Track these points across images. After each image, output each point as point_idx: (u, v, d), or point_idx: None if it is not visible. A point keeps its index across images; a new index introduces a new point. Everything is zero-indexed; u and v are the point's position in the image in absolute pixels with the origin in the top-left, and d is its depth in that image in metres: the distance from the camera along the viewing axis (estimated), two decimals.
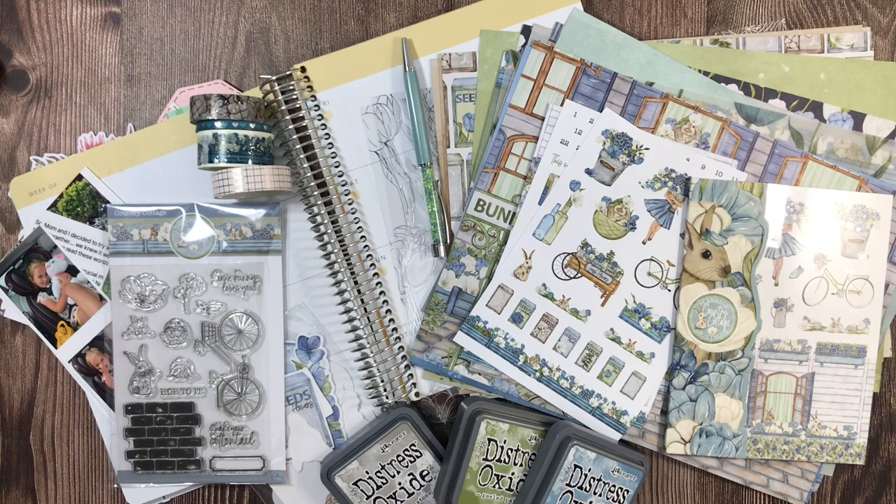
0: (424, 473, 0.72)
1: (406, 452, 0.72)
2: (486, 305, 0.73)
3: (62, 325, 0.74)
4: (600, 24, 0.72)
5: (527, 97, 0.72)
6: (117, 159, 0.73)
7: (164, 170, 0.73)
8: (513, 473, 0.71)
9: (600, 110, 0.72)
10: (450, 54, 0.73)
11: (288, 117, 0.71)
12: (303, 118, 0.72)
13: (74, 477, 0.76)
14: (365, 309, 0.73)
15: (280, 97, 0.71)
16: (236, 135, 0.67)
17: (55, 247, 0.74)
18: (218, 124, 0.67)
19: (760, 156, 0.72)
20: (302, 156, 0.71)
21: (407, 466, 0.72)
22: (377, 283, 0.73)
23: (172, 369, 0.73)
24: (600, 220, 0.72)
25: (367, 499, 0.71)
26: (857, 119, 0.72)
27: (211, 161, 0.67)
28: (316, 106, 0.73)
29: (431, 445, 0.72)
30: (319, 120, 0.73)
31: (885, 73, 0.72)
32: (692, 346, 0.72)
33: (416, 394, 0.74)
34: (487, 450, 0.70)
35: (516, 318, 0.73)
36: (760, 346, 0.72)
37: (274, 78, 0.71)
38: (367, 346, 0.73)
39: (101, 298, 0.74)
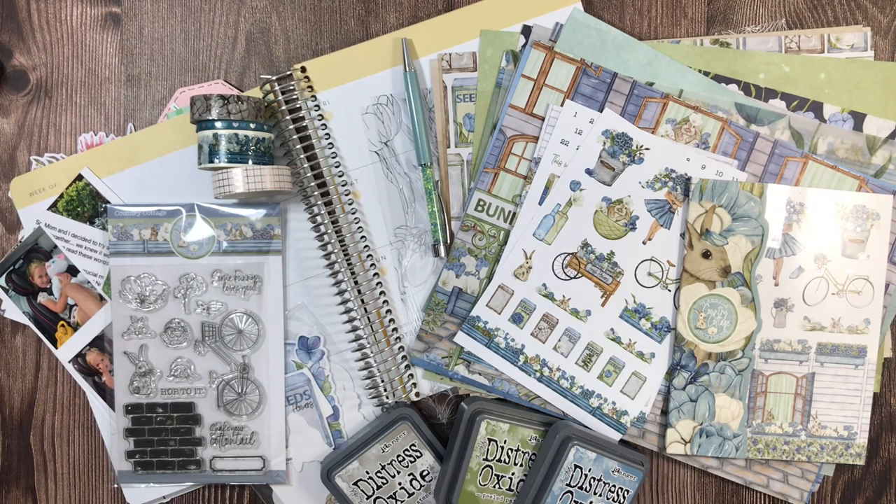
0: (424, 473, 0.72)
1: (406, 452, 0.72)
2: (487, 305, 0.73)
3: (62, 325, 0.74)
4: (600, 24, 0.72)
5: (527, 97, 0.72)
6: (117, 159, 0.73)
7: (164, 170, 0.73)
8: (513, 473, 0.71)
9: (600, 110, 0.72)
10: (450, 54, 0.73)
11: (288, 117, 0.71)
12: (303, 118, 0.72)
13: (74, 477, 0.76)
14: (365, 309, 0.73)
15: (280, 97, 0.71)
16: (236, 135, 0.67)
17: (55, 247, 0.74)
18: (218, 124, 0.67)
19: (761, 156, 0.72)
20: (302, 156, 0.71)
21: (407, 466, 0.72)
22: (377, 283, 0.73)
23: (173, 369, 0.73)
24: (600, 220, 0.72)
25: (367, 499, 0.71)
26: (858, 119, 0.72)
27: (211, 161, 0.67)
28: (316, 106, 0.73)
29: (431, 445, 0.72)
30: (319, 120, 0.73)
31: (885, 73, 0.72)
32: (692, 346, 0.72)
33: (417, 394, 0.74)
34: (487, 450, 0.70)
35: (516, 319, 0.73)
36: (760, 346, 0.72)
37: (274, 78, 0.71)
38: (368, 346, 0.73)
39: (102, 298, 0.74)
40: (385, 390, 0.74)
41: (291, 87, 0.72)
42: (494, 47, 0.73)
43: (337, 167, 0.73)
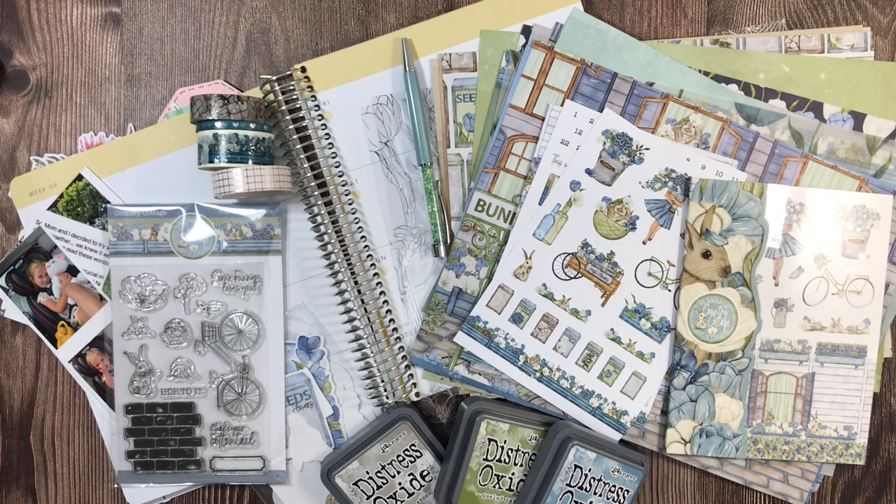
0: (424, 473, 0.72)
1: (406, 452, 0.72)
2: (487, 305, 0.73)
3: (62, 325, 0.74)
4: (600, 24, 0.72)
5: (527, 97, 0.72)
6: (117, 159, 0.73)
7: (164, 170, 0.73)
8: (513, 473, 0.71)
9: (600, 110, 0.72)
10: (450, 54, 0.73)
11: (288, 117, 0.72)
12: (303, 118, 0.72)
13: (75, 477, 0.76)
14: (365, 309, 0.73)
15: (280, 97, 0.71)
16: (236, 135, 0.67)
17: (55, 247, 0.74)
18: (218, 124, 0.67)
19: (761, 156, 0.72)
20: (302, 156, 0.71)
21: (407, 466, 0.72)
22: (377, 283, 0.73)
23: (173, 369, 0.73)
24: (600, 220, 0.72)
25: (367, 499, 0.71)
26: (857, 119, 0.72)
27: (211, 161, 0.67)
28: (316, 106, 0.73)
29: (431, 445, 0.72)
30: (319, 120, 0.73)
31: (885, 73, 0.72)
32: (692, 346, 0.72)
33: (417, 394, 0.74)
34: (487, 450, 0.70)
35: (516, 319, 0.73)
36: (761, 346, 0.72)
37: (274, 78, 0.71)
38: (368, 346, 0.73)
39: (102, 298, 0.74)
40: (385, 390, 0.74)
41: (291, 87, 0.72)
42: (494, 47, 0.73)
43: (337, 167, 0.73)
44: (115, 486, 0.76)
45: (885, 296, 0.73)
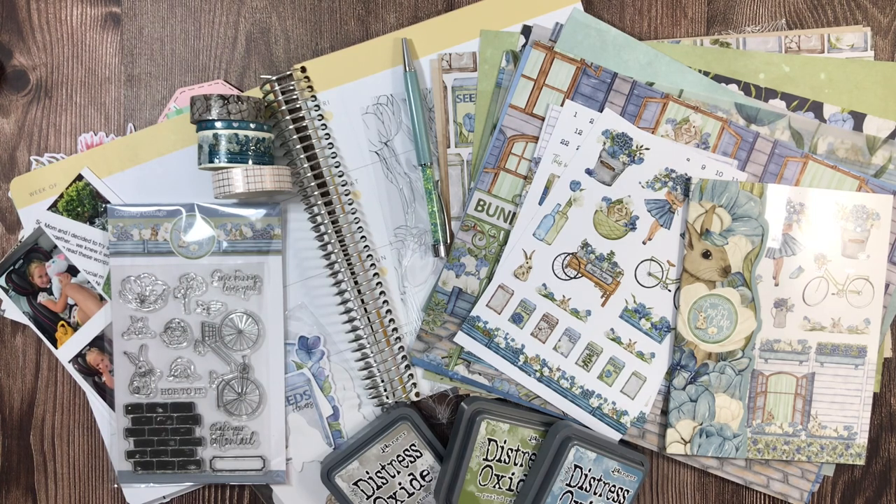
0: (424, 473, 0.72)
1: (406, 452, 0.72)
2: (487, 305, 0.73)
3: (62, 325, 0.74)
4: (600, 24, 0.72)
5: (527, 97, 0.72)
6: (117, 159, 0.73)
7: (164, 170, 0.73)
8: (513, 473, 0.71)
9: (600, 110, 0.72)
10: (450, 54, 0.73)
11: (288, 117, 0.72)
12: (303, 118, 0.72)
13: (74, 477, 0.76)
14: (365, 309, 0.73)
15: (280, 97, 0.71)
16: (236, 135, 0.67)
17: (55, 247, 0.74)
18: (218, 124, 0.67)
19: (761, 156, 0.72)
20: (302, 156, 0.71)
21: (407, 466, 0.72)
22: (377, 283, 0.73)
23: (172, 369, 0.73)
24: (600, 220, 0.72)
25: (367, 499, 0.71)
26: (858, 119, 0.72)
27: (211, 161, 0.67)
28: (316, 106, 0.73)
29: (431, 445, 0.72)
30: (319, 120, 0.73)
31: (885, 73, 0.72)
32: (692, 346, 0.72)
33: (417, 394, 0.74)
34: (487, 450, 0.70)
35: (516, 319, 0.73)
36: (761, 346, 0.72)
37: (274, 78, 0.71)
38: (368, 346, 0.73)
39: (102, 298, 0.74)
40: (385, 390, 0.74)
41: (291, 87, 0.72)
42: (494, 47, 0.73)
43: (337, 167, 0.73)
44: (115, 486, 0.76)
45: (885, 296, 0.73)
